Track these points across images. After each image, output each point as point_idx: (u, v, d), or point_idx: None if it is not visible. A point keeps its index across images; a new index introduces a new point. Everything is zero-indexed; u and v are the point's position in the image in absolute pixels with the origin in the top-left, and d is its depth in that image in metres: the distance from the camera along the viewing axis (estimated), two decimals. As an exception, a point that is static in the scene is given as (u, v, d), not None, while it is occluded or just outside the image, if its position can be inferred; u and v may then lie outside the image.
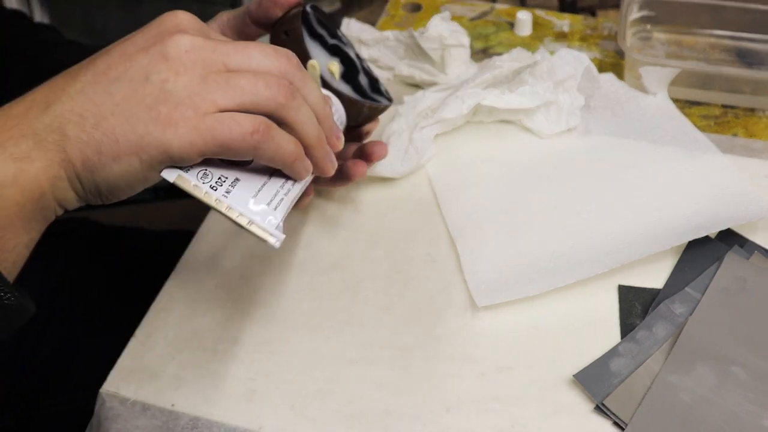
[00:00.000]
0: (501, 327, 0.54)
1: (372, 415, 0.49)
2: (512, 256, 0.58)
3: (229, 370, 0.52)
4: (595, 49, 0.82)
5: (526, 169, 0.66)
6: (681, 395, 0.49)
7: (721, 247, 0.59)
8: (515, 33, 0.85)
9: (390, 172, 0.65)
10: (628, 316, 0.55)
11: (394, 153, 0.65)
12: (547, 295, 0.55)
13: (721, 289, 0.55)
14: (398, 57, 0.77)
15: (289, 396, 0.50)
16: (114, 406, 0.50)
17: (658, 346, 0.52)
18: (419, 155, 0.65)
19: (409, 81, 0.77)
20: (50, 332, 0.71)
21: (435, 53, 0.73)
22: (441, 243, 0.61)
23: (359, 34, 0.78)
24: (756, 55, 0.79)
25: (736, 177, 0.64)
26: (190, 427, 0.49)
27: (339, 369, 0.52)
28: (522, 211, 0.62)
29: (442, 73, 0.74)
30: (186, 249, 0.60)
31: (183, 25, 0.41)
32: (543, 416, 0.49)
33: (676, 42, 0.81)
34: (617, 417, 0.48)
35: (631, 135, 0.69)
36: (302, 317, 0.55)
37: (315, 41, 0.53)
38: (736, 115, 0.74)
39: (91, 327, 0.72)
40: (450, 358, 0.52)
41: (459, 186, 0.65)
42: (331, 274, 0.58)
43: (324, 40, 0.54)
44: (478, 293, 0.55)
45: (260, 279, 0.58)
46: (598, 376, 0.50)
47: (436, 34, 0.73)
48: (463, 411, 0.49)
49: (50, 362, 0.69)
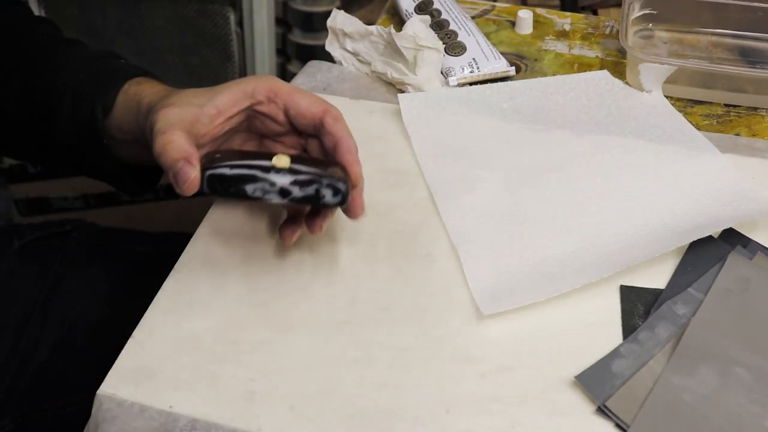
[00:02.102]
0: (501, 327, 0.54)
1: (372, 415, 0.49)
2: (514, 262, 0.58)
3: (228, 371, 0.51)
4: (596, 48, 0.82)
5: (524, 172, 0.66)
6: (684, 396, 0.49)
7: (724, 247, 0.58)
8: (516, 31, 0.84)
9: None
10: (630, 317, 0.54)
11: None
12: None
13: (723, 289, 0.55)
14: (378, 53, 0.77)
15: (288, 396, 0.50)
16: (112, 408, 0.49)
17: (660, 347, 0.52)
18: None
19: (382, 78, 0.77)
20: (48, 334, 0.71)
21: (408, 53, 0.73)
22: (441, 243, 0.60)
23: (344, 26, 0.78)
24: (759, 54, 0.79)
25: (735, 175, 0.64)
26: (189, 428, 0.48)
27: (339, 369, 0.52)
28: (522, 215, 0.62)
29: (412, 73, 0.74)
30: (184, 250, 0.60)
31: None
32: (544, 417, 0.49)
33: (678, 40, 0.81)
34: (619, 419, 0.48)
35: (629, 134, 0.69)
36: (302, 317, 0.55)
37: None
38: (738, 114, 0.73)
39: (89, 328, 0.72)
40: (450, 358, 0.52)
41: (458, 190, 0.64)
42: (331, 275, 0.58)
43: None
44: (482, 301, 0.55)
45: (259, 279, 0.57)
46: (599, 377, 0.50)
47: (412, 34, 0.73)
48: (463, 411, 0.49)
49: (47, 363, 0.69)
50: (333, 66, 0.79)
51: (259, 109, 0.56)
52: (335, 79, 0.77)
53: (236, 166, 0.50)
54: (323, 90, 0.76)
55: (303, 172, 0.51)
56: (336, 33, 0.79)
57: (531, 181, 0.65)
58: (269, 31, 1.54)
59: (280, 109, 0.56)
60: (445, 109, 0.72)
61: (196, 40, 1.53)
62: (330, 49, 0.80)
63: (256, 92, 0.55)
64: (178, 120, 0.51)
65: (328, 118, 0.55)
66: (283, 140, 0.58)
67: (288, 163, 0.51)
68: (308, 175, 0.51)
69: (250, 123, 0.57)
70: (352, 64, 0.79)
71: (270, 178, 0.50)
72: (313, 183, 0.51)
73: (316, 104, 0.55)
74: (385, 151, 0.69)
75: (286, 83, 0.56)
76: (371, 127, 0.71)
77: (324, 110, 0.55)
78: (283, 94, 0.55)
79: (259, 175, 0.50)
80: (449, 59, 0.76)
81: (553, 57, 0.81)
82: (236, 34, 1.54)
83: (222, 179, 0.50)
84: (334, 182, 0.51)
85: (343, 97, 0.75)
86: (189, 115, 0.52)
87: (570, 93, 0.74)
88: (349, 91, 0.76)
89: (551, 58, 0.81)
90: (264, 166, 0.50)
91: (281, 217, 0.59)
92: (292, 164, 0.51)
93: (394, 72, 0.75)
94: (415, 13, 0.82)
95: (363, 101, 0.74)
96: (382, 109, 0.73)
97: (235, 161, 0.51)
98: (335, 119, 0.55)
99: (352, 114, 0.72)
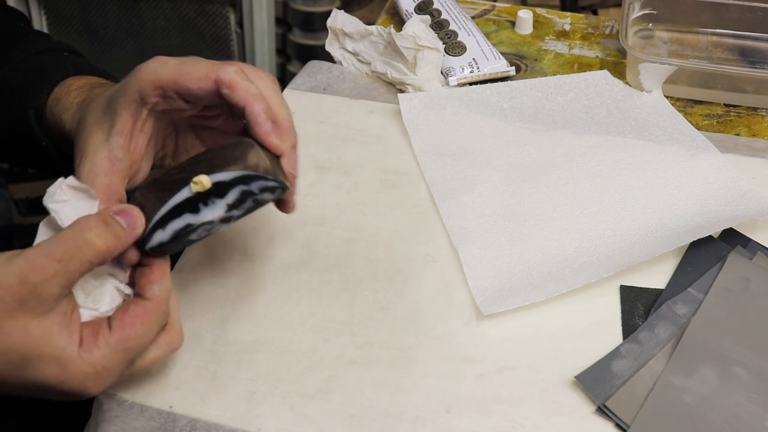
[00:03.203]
0: (501, 327, 0.54)
1: (372, 415, 0.49)
2: (514, 262, 0.58)
3: (228, 371, 0.51)
4: (596, 48, 0.82)
5: (524, 172, 0.66)
6: (683, 396, 0.49)
7: (724, 247, 0.58)
8: (516, 31, 0.84)
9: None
10: (630, 317, 0.54)
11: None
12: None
13: (723, 289, 0.55)
14: (378, 53, 0.77)
15: (288, 396, 0.50)
16: (112, 408, 0.49)
17: (660, 347, 0.52)
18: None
19: (382, 78, 0.76)
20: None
21: (408, 53, 0.73)
22: (441, 243, 0.60)
23: (344, 26, 0.78)
24: (759, 54, 0.79)
25: (735, 175, 0.64)
26: (189, 428, 0.48)
27: (339, 369, 0.52)
28: (522, 215, 0.62)
29: (412, 73, 0.74)
30: (184, 249, 0.60)
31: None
32: (544, 417, 0.49)
33: (678, 40, 0.81)
34: (619, 419, 0.48)
35: (629, 134, 0.69)
36: (302, 317, 0.55)
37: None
38: (738, 114, 0.73)
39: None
40: (450, 358, 0.52)
41: (458, 190, 0.64)
42: (331, 274, 0.58)
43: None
44: (482, 301, 0.55)
45: (259, 279, 0.57)
46: (599, 377, 0.50)
47: (412, 34, 0.73)
48: (463, 411, 0.49)
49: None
50: (333, 66, 0.79)
51: (159, 109, 0.49)
52: (335, 79, 0.77)
53: (165, 219, 0.46)
54: (323, 90, 0.76)
55: (227, 186, 0.45)
56: (336, 33, 0.79)
57: (531, 181, 0.65)
58: (269, 31, 1.55)
59: (176, 98, 0.48)
60: (445, 109, 0.72)
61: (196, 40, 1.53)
62: (330, 49, 0.80)
63: (144, 95, 0.47)
64: (95, 176, 0.47)
65: (224, 89, 0.46)
66: (221, 126, 0.53)
67: (209, 182, 0.45)
68: (234, 189, 0.46)
69: (171, 121, 0.52)
70: (352, 64, 0.79)
71: (203, 217, 0.46)
72: (246, 197, 0.46)
73: (205, 78, 0.47)
74: (385, 151, 0.69)
75: (168, 65, 0.47)
76: (371, 127, 0.71)
77: (215, 81, 0.46)
78: (168, 83, 0.47)
79: (192, 222, 0.46)
80: (449, 59, 0.76)
81: (553, 57, 0.81)
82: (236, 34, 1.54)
83: (163, 246, 0.46)
84: (264, 182, 0.46)
85: (343, 97, 0.75)
86: (102, 162, 0.48)
87: (570, 93, 0.74)
88: (349, 91, 0.76)
89: (551, 58, 0.81)
90: (190, 203, 0.46)
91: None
92: (212, 174, 0.45)
93: (394, 72, 0.75)
94: (415, 13, 0.82)
95: (363, 101, 0.74)
96: (382, 109, 0.73)
97: (159, 210, 0.46)
98: (231, 86, 0.46)
99: (352, 114, 0.73)
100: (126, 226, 0.44)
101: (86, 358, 0.42)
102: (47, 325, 0.41)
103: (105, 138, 0.48)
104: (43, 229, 0.45)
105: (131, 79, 0.48)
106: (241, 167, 0.46)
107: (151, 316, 0.45)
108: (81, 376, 0.43)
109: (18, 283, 0.40)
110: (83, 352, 0.42)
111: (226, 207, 0.46)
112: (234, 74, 0.47)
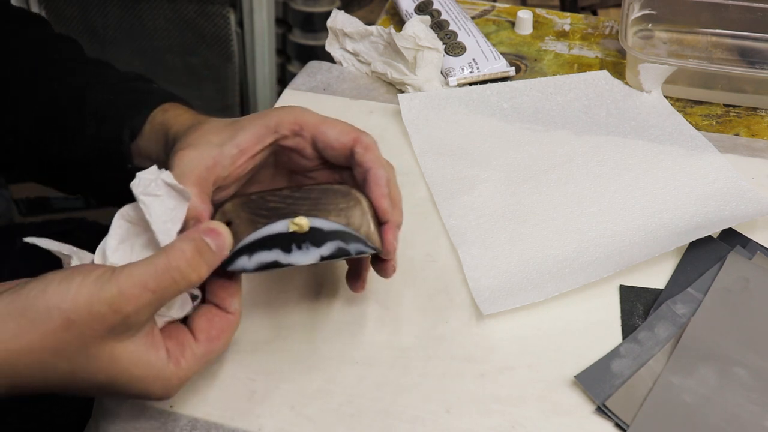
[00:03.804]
0: (501, 327, 0.54)
1: (372, 415, 0.49)
2: (514, 262, 0.58)
3: (228, 371, 0.51)
4: (596, 48, 0.82)
5: (524, 172, 0.66)
6: (683, 396, 0.49)
7: (723, 247, 0.58)
8: (516, 32, 0.85)
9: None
10: (629, 317, 0.54)
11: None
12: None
13: (723, 289, 0.55)
14: (378, 53, 0.77)
15: (288, 396, 0.50)
16: (112, 408, 0.49)
17: (659, 347, 0.52)
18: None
19: (382, 78, 0.77)
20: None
21: (408, 53, 0.73)
22: (441, 243, 0.60)
23: (344, 26, 0.78)
24: (758, 54, 0.79)
25: (734, 175, 0.64)
26: (189, 428, 0.48)
27: (339, 369, 0.52)
28: (522, 215, 0.62)
29: (412, 73, 0.74)
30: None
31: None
32: (543, 417, 0.49)
33: (678, 41, 0.81)
34: (618, 418, 0.48)
35: (628, 134, 0.69)
36: (302, 317, 0.55)
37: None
38: (738, 114, 0.73)
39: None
40: (450, 358, 0.52)
41: (458, 190, 0.64)
42: (331, 274, 0.58)
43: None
44: (482, 301, 0.55)
45: (259, 279, 0.57)
46: (599, 377, 0.50)
47: (412, 34, 0.73)
48: (463, 411, 0.49)
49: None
50: (333, 66, 0.79)
51: (284, 143, 0.51)
52: (335, 79, 0.77)
53: (254, 247, 0.45)
54: (323, 90, 0.76)
55: (324, 235, 0.46)
56: (336, 33, 0.79)
57: (531, 181, 0.65)
58: (269, 31, 1.55)
59: (307, 142, 0.51)
60: (445, 109, 0.72)
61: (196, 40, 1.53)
62: (330, 49, 0.80)
63: (280, 126, 0.50)
64: (195, 166, 0.48)
65: (359, 147, 0.50)
66: (314, 176, 0.54)
67: (308, 225, 0.46)
68: (331, 243, 0.46)
69: (277, 158, 0.53)
70: (352, 64, 0.79)
71: (293, 260, 0.46)
72: (341, 255, 0.46)
73: (346, 134, 0.51)
74: (384, 151, 0.68)
75: (313, 113, 0.52)
76: (371, 127, 0.71)
77: (354, 139, 0.50)
78: (309, 126, 0.51)
79: (281, 260, 0.46)
80: (449, 59, 0.76)
81: (553, 57, 0.81)
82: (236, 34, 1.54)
83: (243, 271, 0.46)
84: (363, 247, 0.47)
85: (343, 97, 0.75)
86: (207, 159, 0.48)
87: (570, 93, 0.74)
88: (349, 91, 0.76)
89: (551, 58, 0.81)
90: (283, 239, 0.46)
91: None
92: (313, 218, 0.46)
93: (394, 72, 0.75)
94: (415, 14, 0.82)
95: (363, 101, 0.74)
96: (382, 109, 0.73)
97: (250, 234, 0.46)
98: (366, 148, 0.50)
99: (352, 114, 0.73)
100: (215, 248, 0.44)
101: (175, 371, 0.44)
102: (134, 347, 0.42)
103: (219, 143, 0.49)
104: (119, 221, 0.45)
105: (273, 110, 0.51)
106: (344, 222, 0.47)
107: (233, 330, 0.47)
108: (168, 387, 0.44)
109: (110, 312, 0.40)
110: (172, 365, 0.44)
111: (320, 258, 0.46)
112: (372, 140, 0.51)
